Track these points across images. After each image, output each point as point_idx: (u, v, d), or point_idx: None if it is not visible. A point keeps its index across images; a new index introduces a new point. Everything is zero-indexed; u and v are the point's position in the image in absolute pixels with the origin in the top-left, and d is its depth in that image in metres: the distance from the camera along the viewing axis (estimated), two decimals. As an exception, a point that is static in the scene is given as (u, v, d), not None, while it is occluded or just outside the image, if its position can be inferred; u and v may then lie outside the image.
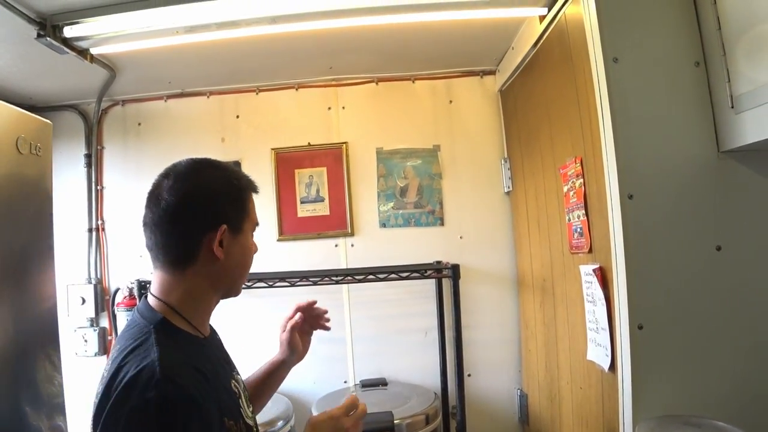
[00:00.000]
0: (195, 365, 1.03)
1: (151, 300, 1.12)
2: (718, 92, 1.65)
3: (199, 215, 1.11)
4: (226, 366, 1.23)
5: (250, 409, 1.25)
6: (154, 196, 1.12)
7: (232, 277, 1.18)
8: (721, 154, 1.67)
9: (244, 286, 1.27)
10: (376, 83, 3.11)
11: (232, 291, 1.21)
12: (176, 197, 1.09)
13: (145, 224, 1.12)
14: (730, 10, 1.58)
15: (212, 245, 1.10)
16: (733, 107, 1.59)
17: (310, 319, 1.51)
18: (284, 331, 1.46)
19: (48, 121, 1.64)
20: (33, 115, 1.60)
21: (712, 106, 1.68)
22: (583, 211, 1.93)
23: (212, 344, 1.22)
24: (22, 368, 1.50)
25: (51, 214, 1.65)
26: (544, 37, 2.24)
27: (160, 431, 0.91)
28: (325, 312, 1.52)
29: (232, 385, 1.18)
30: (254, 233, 1.23)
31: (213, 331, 1.27)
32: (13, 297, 1.49)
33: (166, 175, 1.14)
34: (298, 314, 1.46)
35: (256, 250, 1.25)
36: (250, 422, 1.17)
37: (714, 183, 1.67)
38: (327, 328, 1.54)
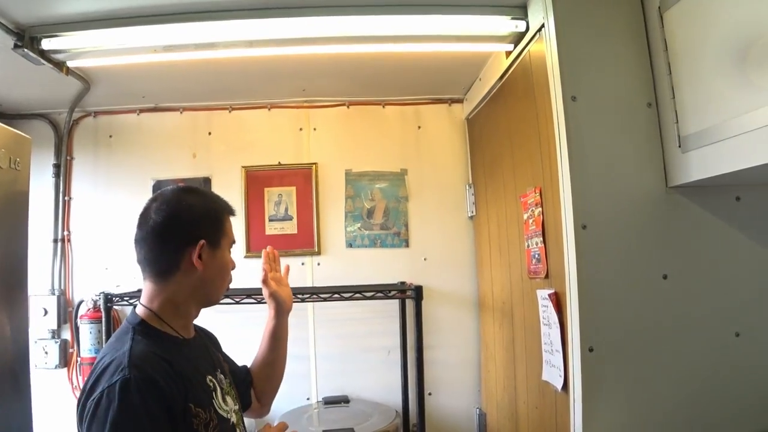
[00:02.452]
0: (162, 356, 1.17)
1: (138, 308, 1.29)
2: (668, 132, 1.76)
3: (181, 232, 1.27)
4: (206, 365, 1.34)
5: (237, 406, 1.39)
6: (143, 217, 1.28)
7: (211, 286, 1.33)
8: (669, 189, 1.78)
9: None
10: (348, 107, 3.19)
11: (211, 300, 1.36)
12: (162, 217, 1.25)
13: (136, 241, 1.28)
14: (680, 57, 1.70)
15: (192, 257, 1.25)
16: (680, 146, 1.70)
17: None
18: (263, 287, 1.60)
19: (27, 136, 1.66)
20: (13, 129, 1.62)
21: (662, 144, 1.79)
22: (541, 239, 2.02)
23: (193, 345, 1.35)
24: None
25: (27, 229, 1.67)
26: (510, 71, 2.35)
27: (123, 410, 1.04)
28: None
29: (208, 380, 1.29)
30: (231, 251, 1.38)
31: (199, 336, 1.43)
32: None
33: (155, 198, 1.30)
34: (262, 268, 1.61)
35: (234, 266, 1.40)
36: (225, 414, 1.29)
37: (662, 216, 1.78)
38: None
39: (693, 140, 1.66)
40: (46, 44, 2.18)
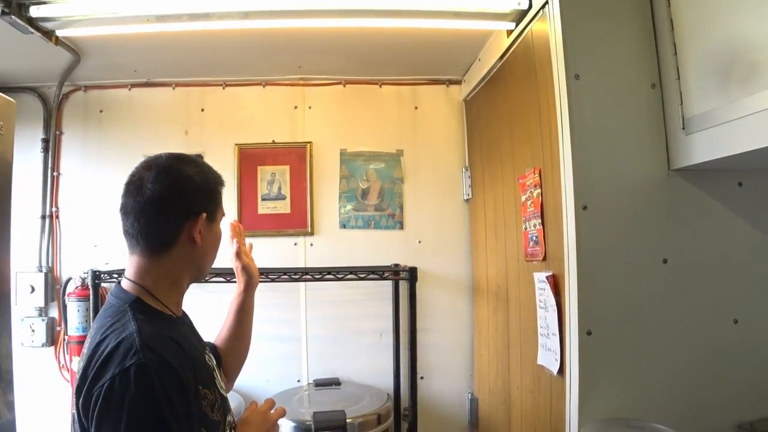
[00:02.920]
0: (172, 337, 1.13)
1: (125, 283, 1.22)
2: (671, 113, 1.74)
3: (182, 204, 1.21)
4: (199, 343, 1.32)
5: (223, 382, 1.37)
6: (135, 186, 1.19)
7: (205, 261, 1.29)
8: (671, 172, 1.76)
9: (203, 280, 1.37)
10: (344, 85, 3.14)
11: (202, 274, 1.32)
12: (161, 187, 1.18)
13: (126, 212, 1.20)
14: (686, 37, 1.67)
15: (193, 232, 1.21)
16: (684, 128, 1.68)
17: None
18: (235, 260, 1.57)
19: (12, 99, 1.61)
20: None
21: (665, 126, 1.77)
22: (540, 220, 2.00)
23: (186, 323, 1.34)
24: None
25: (9, 197, 1.62)
26: (511, 50, 2.31)
27: (141, 396, 0.99)
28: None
29: (207, 359, 1.28)
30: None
31: (185, 314, 1.35)
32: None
33: (148, 167, 1.21)
34: (235, 241, 1.57)
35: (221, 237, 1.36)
36: (223, 392, 1.29)
37: (663, 199, 1.76)
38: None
39: (697, 122, 1.63)
40: (35, 11, 2.11)
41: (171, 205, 1.19)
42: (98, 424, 1.00)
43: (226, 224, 1.46)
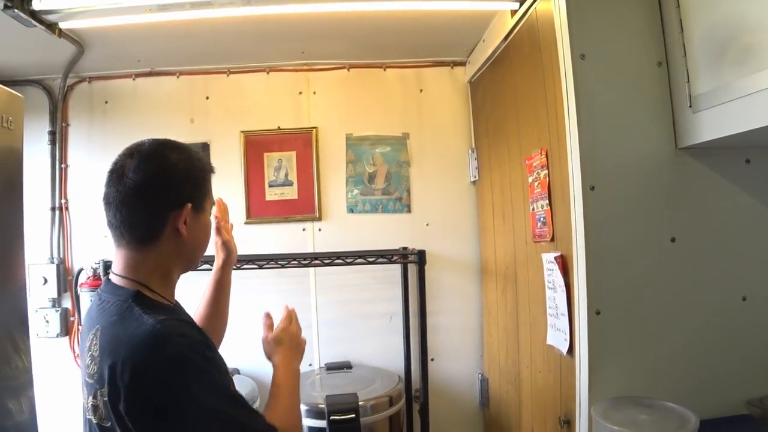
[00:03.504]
0: (184, 320, 1.16)
1: (117, 280, 1.16)
2: (678, 92, 1.73)
3: (165, 194, 1.14)
4: None
5: None
6: (117, 175, 1.14)
7: (193, 252, 1.24)
8: (678, 150, 1.76)
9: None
10: (348, 69, 3.13)
11: (191, 265, 1.27)
12: (143, 176, 1.11)
13: (108, 202, 1.15)
14: (692, 15, 1.65)
15: (177, 223, 1.15)
16: (691, 106, 1.67)
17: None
18: (215, 236, 1.53)
19: (20, 95, 1.62)
20: (5, 87, 1.58)
21: (672, 104, 1.76)
22: (547, 201, 2.00)
23: (183, 311, 1.28)
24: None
25: (21, 190, 1.64)
26: (515, 31, 2.29)
27: (196, 372, 1.02)
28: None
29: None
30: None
31: (178, 303, 1.31)
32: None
33: (130, 154, 1.16)
34: (214, 217, 1.50)
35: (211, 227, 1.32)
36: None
37: (671, 178, 1.76)
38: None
39: (704, 100, 1.62)
40: (37, 4, 2.11)
41: (154, 194, 1.13)
42: (176, 408, 1.00)
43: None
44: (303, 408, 2.39)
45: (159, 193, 1.13)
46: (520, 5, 2.18)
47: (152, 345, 1.01)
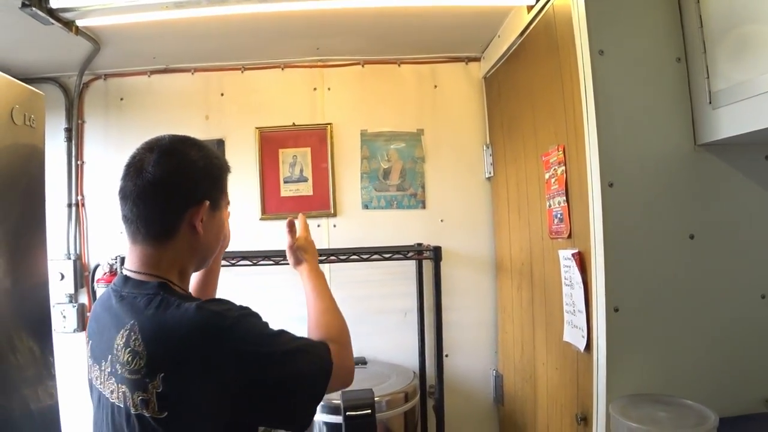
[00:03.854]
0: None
1: (137, 276, 1.14)
2: (697, 88, 1.71)
3: (184, 190, 1.13)
4: None
5: None
6: (135, 169, 1.12)
7: (208, 250, 1.24)
8: (697, 147, 1.74)
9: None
10: (362, 66, 3.13)
11: (204, 263, 1.27)
12: (162, 171, 1.10)
13: (124, 196, 1.13)
14: (712, 10, 1.64)
15: (194, 220, 1.14)
16: (710, 103, 1.66)
17: None
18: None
19: (41, 92, 1.63)
20: (26, 85, 1.60)
21: (691, 100, 1.74)
22: (564, 198, 1.99)
23: None
24: (13, 343, 1.51)
25: (43, 187, 1.66)
26: (531, 26, 2.28)
27: (254, 335, 1.08)
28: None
29: None
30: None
31: None
32: (8, 270, 1.50)
33: (150, 148, 1.14)
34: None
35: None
36: None
37: (690, 174, 1.75)
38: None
39: (724, 96, 1.61)
40: (55, 2, 2.13)
41: (172, 190, 1.12)
42: (264, 376, 1.06)
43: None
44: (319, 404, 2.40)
45: (177, 189, 1.12)
46: (537, 1, 2.17)
47: (213, 325, 1.03)
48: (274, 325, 1.15)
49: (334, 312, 1.35)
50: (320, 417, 2.40)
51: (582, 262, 1.86)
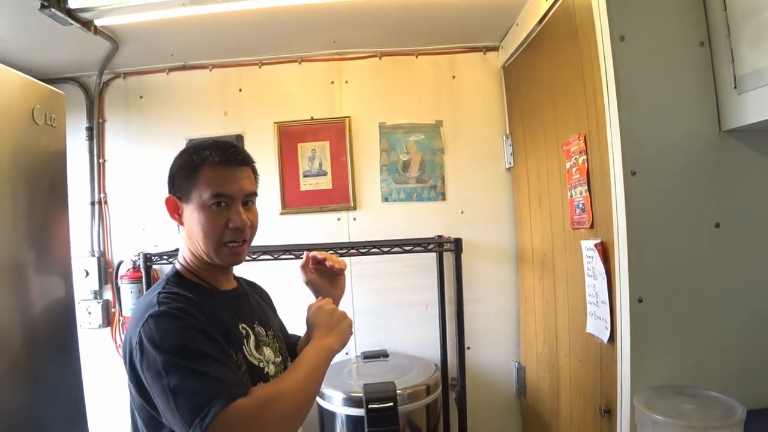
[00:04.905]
0: (191, 297, 1.22)
1: (175, 262, 1.36)
2: (722, 72, 1.67)
3: (168, 187, 1.33)
4: (241, 314, 1.36)
5: (279, 359, 1.39)
6: None
7: (196, 241, 1.29)
8: (722, 133, 1.69)
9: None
10: (380, 58, 3.11)
11: (206, 256, 1.30)
12: None
13: None
14: (736, -9, 1.60)
15: (171, 213, 1.33)
16: (735, 87, 1.61)
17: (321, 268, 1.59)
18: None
19: (61, 92, 1.65)
20: (47, 85, 1.62)
21: (716, 85, 1.70)
22: (586, 187, 1.96)
23: (229, 295, 1.38)
24: (40, 340, 1.53)
25: (66, 186, 1.68)
26: (550, 14, 2.24)
27: (163, 329, 1.12)
28: (324, 259, 1.58)
29: (240, 327, 1.31)
30: (217, 205, 1.28)
31: (242, 287, 1.46)
32: (33, 266, 1.52)
33: None
34: (305, 254, 1.57)
35: (220, 222, 1.28)
36: (256, 362, 1.29)
37: (715, 161, 1.70)
38: (338, 270, 1.60)
39: (750, 80, 1.56)
40: (73, 2, 2.17)
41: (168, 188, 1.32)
42: (146, 379, 1.11)
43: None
44: (340, 396, 2.42)
45: (168, 186, 1.33)
46: (555, -13, 2.14)
47: (143, 311, 1.17)
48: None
49: (301, 387, 1.19)
50: (342, 410, 2.42)
51: (605, 252, 1.84)
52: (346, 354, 3.02)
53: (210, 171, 1.26)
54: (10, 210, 1.45)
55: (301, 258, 1.58)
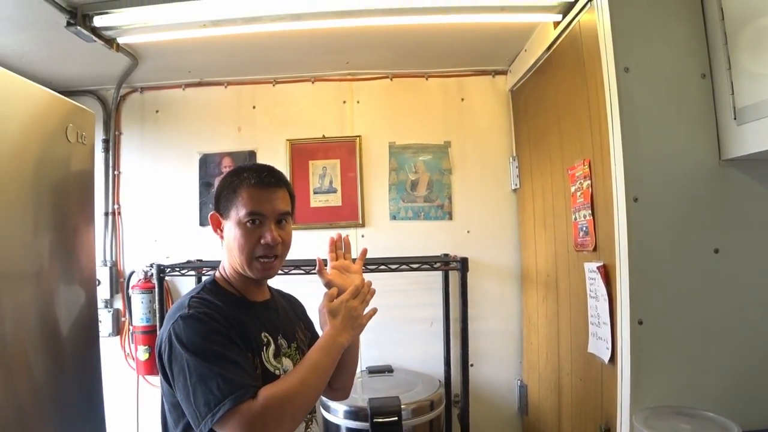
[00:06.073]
0: (218, 304, 1.33)
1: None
2: (722, 104, 1.73)
3: (214, 204, 1.46)
4: (267, 324, 1.44)
5: (283, 365, 1.42)
6: None
7: (233, 254, 1.40)
8: (722, 162, 1.76)
9: None
10: (391, 79, 3.19)
11: (241, 269, 1.41)
12: None
13: None
14: (737, 27, 1.66)
15: (214, 228, 1.45)
16: (735, 119, 1.67)
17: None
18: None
19: (91, 111, 1.72)
20: (80, 105, 1.68)
21: (716, 116, 1.76)
22: (590, 211, 2.02)
23: (259, 307, 1.47)
24: (64, 344, 1.59)
25: (93, 200, 1.75)
26: (558, 42, 2.32)
27: (189, 329, 1.23)
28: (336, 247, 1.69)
29: (262, 335, 1.40)
30: (251, 222, 1.38)
31: (274, 300, 1.55)
32: (61, 276, 1.59)
33: None
34: (317, 260, 1.58)
35: (253, 238, 1.38)
36: (272, 369, 1.37)
37: (714, 189, 1.76)
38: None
39: (749, 112, 1.63)
40: (98, 21, 2.23)
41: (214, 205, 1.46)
42: (171, 371, 1.24)
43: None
44: (344, 409, 2.46)
45: (214, 203, 1.46)
46: (563, 17, 2.21)
47: (175, 311, 1.30)
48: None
49: (305, 387, 1.26)
50: (345, 422, 2.46)
51: (607, 274, 1.89)
52: (351, 368, 3.06)
53: (246, 191, 1.38)
54: (47, 222, 1.52)
55: (313, 272, 1.66)
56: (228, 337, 1.25)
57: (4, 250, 1.34)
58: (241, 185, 1.39)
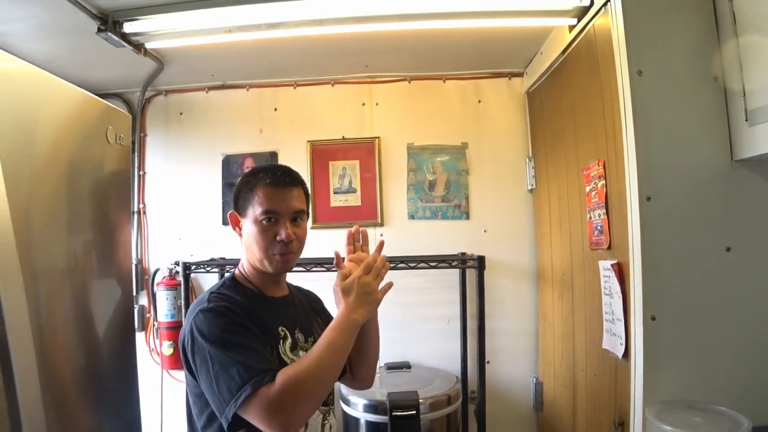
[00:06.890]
0: (236, 299, 1.40)
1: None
2: (734, 106, 1.77)
3: (233, 203, 1.52)
4: (284, 319, 1.50)
5: (299, 358, 1.40)
6: None
7: (250, 251, 1.47)
8: (734, 162, 1.79)
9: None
10: (409, 82, 3.25)
11: (259, 264, 1.47)
12: None
13: None
14: (749, 29, 1.70)
15: (233, 225, 1.52)
16: (747, 120, 1.71)
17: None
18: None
19: (128, 113, 1.80)
20: (118, 108, 1.77)
21: (728, 118, 1.80)
22: (604, 211, 2.07)
23: (277, 302, 1.53)
24: (102, 336, 1.66)
25: (129, 199, 1.83)
26: (573, 45, 2.36)
27: (208, 322, 1.30)
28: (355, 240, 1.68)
29: (279, 329, 1.45)
30: (267, 220, 1.43)
31: (292, 296, 1.62)
32: (99, 273, 1.67)
33: None
34: (334, 254, 1.56)
35: (269, 235, 1.43)
36: (287, 360, 1.41)
37: (726, 189, 1.80)
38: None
39: (761, 114, 1.66)
40: (128, 27, 2.31)
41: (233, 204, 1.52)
42: (194, 362, 1.31)
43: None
44: (363, 403, 2.53)
45: (233, 203, 1.53)
46: (578, 21, 2.26)
47: (196, 305, 1.38)
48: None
49: (321, 368, 1.27)
50: (365, 416, 2.52)
51: (621, 272, 1.93)
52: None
53: (262, 191, 1.44)
54: (85, 220, 1.60)
55: (333, 270, 1.70)
56: (246, 327, 1.32)
57: (46, 247, 1.41)
58: (257, 185, 1.44)
